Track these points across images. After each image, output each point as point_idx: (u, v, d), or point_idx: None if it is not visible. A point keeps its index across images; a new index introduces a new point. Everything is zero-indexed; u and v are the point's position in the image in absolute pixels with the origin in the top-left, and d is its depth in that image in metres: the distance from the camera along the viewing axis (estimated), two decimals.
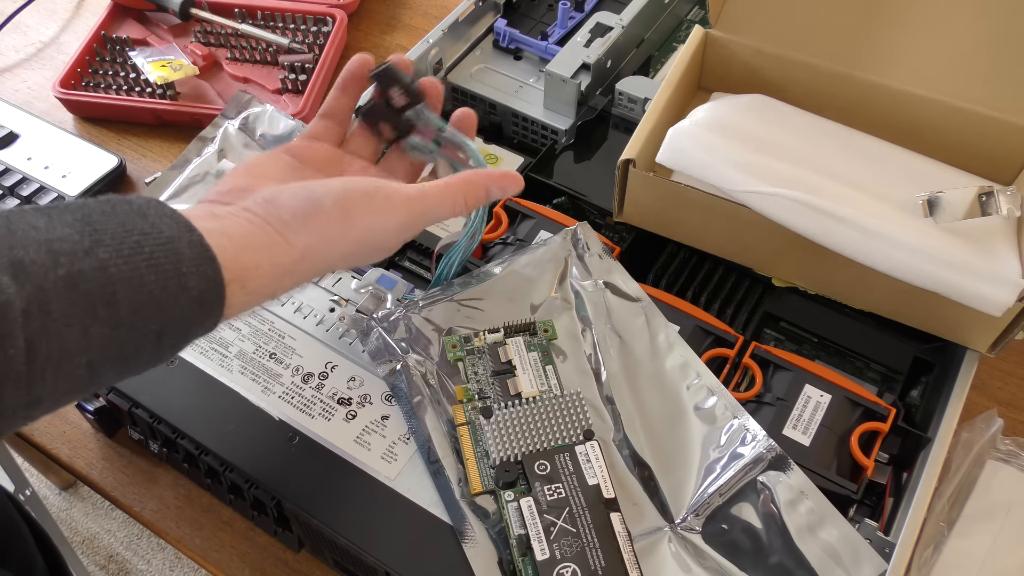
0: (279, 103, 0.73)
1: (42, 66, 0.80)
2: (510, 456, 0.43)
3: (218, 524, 0.51)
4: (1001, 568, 0.49)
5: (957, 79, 0.54)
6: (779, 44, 0.58)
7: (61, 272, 0.30)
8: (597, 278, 0.51)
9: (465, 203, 0.43)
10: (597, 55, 0.64)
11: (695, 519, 0.43)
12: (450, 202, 0.42)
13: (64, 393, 0.31)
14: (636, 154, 0.51)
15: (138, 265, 0.32)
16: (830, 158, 0.53)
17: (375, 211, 0.40)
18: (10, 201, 0.65)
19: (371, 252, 0.41)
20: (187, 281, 0.33)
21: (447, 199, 0.42)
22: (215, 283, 0.34)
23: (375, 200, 0.40)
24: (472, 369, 0.47)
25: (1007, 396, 0.58)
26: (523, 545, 0.40)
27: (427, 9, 0.86)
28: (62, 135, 0.71)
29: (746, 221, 0.50)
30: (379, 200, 0.40)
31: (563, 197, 0.61)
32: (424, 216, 0.42)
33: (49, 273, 0.30)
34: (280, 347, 0.49)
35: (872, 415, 0.48)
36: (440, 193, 0.42)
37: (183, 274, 0.33)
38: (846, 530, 0.43)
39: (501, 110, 0.67)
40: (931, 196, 0.49)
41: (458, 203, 0.43)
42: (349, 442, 0.45)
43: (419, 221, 0.42)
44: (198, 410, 0.47)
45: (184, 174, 0.67)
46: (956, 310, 0.47)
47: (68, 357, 0.30)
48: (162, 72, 0.74)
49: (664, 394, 0.47)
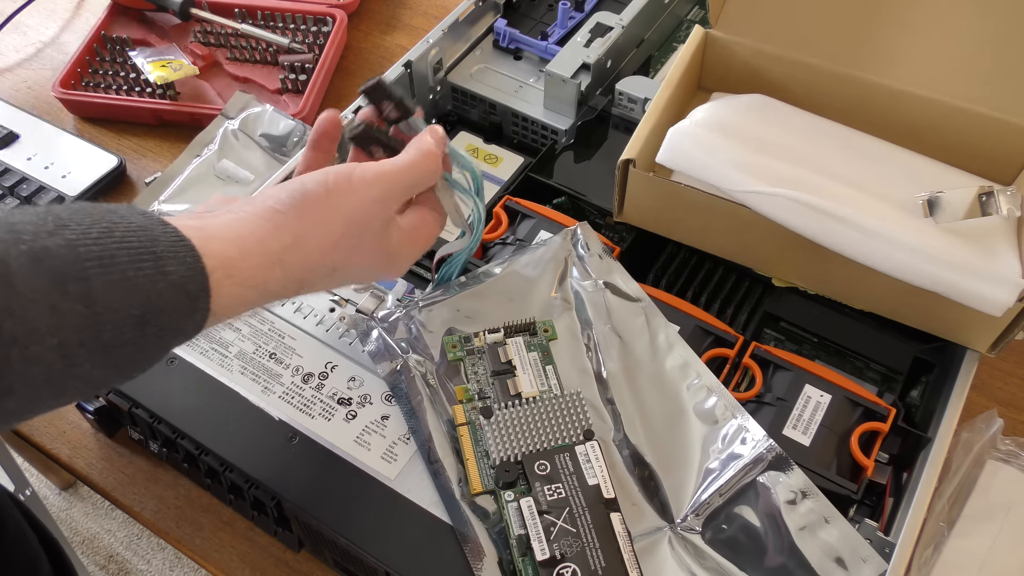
0: (279, 103, 0.73)
1: (42, 66, 0.80)
2: (510, 456, 0.43)
3: (218, 524, 0.51)
4: (1001, 568, 0.49)
5: (957, 79, 0.54)
6: (779, 44, 0.58)
7: (23, 247, 0.29)
8: (597, 278, 0.51)
9: (438, 164, 0.44)
10: (597, 55, 0.64)
11: (695, 519, 0.43)
12: (422, 164, 0.43)
13: (40, 385, 0.30)
14: (636, 154, 0.51)
15: (108, 246, 0.31)
16: (830, 158, 0.53)
17: (354, 187, 0.40)
18: (10, 201, 0.65)
19: (360, 236, 0.41)
20: (164, 264, 0.32)
21: (419, 162, 0.43)
22: (196, 270, 0.33)
23: (352, 177, 0.40)
24: (472, 369, 0.47)
25: (1007, 396, 0.58)
26: (523, 545, 0.40)
27: (427, 9, 0.86)
28: (62, 135, 0.71)
29: (746, 221, 0.50)
30: (356, 176, 0.40)
31: (563, 197, 0.61)
32: (402, 184, 0.42)
33: (11, 249, 0.29)
34: (280, 347, 0.49)
35: (872, 415, 0.48)
36: (412, 159, 0.43)
37: (159, 256, 0.32)
38: (846, 530, 0.43)
39: (501, 110, 0.67)
40: (931, 196, 0.49)
41: (430, 163, 0.43)
42: (349, 442, 0.45)
43: (397, 191, 0.42)
44: (198, 410, 0.47)
45: (184, 174, 0.67)
46: (956, 310, 0.47)
47: (36, 337, 0.29)
48: (162, 72, 0.74)
49: (664, 394, 0.47)
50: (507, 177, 0.63)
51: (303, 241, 0.38)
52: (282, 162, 0.66)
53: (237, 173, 0.67)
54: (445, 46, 0.68)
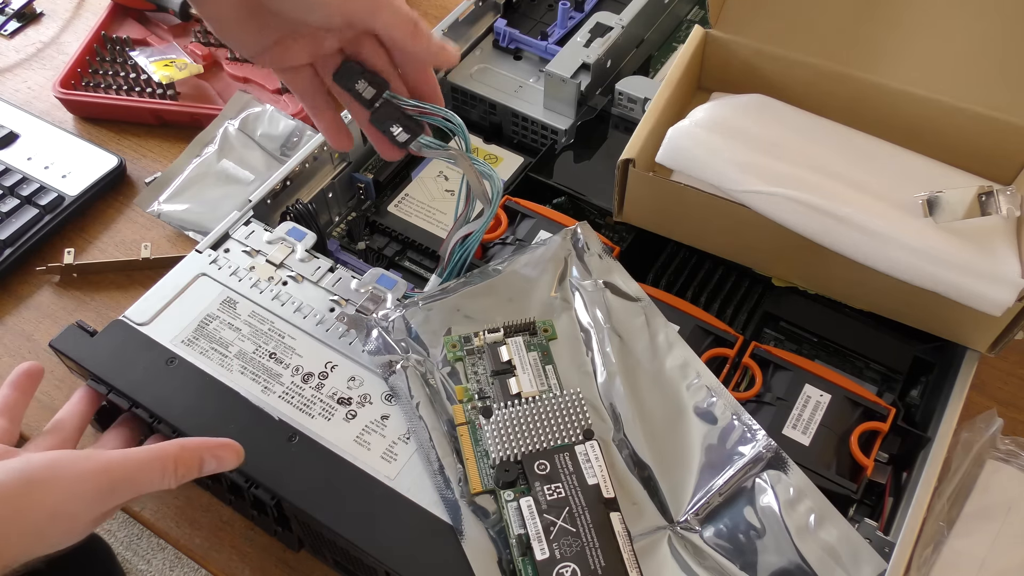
0: (279, 103, 0.73)
1: (42, 66, 0.80)
2: (510, 456, 0.43)
3: (218, 524, 0.51)
4: (1001, 568, 0.49)
5: (957, 79, 0.54)
6: (779, 44, 0.58)
7: None
8: (597, 278, 0.51)
9: (175, 471, 0.39)
10: (597, 55, 0.64)
11: (695, 519, 0.43)
12: (159, 467, 0.39)
13: None
14: (636, 154, 0.51)
15: None
16: (830, 158, 0.53)
17: (62, 479, 0.36)
18: (10, 201, 0.65)
19: (70, 528, 0.37)
20: None
21: (155, 464, 0.39)
22: None
23: (59, 466, 0.36)
24: (472, 369, 0.47)
25: (1007, 396, 0.58)
26: (523, 545, 0.40)
27: (427, 9, 0.86)
28: (62, 135, 0.71)
29: (746, 221, 0.50)
30: (65, 464, 0.37)
31: (563, 197, 0.61)
32: (128, 482, 0.38)
33: None
34: (280, 347, 0.49)
35: (872, 415, 0.48)
36: (147, 457, 0.39)
37: None
38: (846, 530, 0.43)
39: (501, 110, 0.67)
40: (931, 196, 0.49)
41: (167, 469, 0.39)
42: (349, 442, 0.45)
43: (123, 487, 0.38)
44: (198, 410, 0.47)
45: (184, 174, 0.67)
46: (956, 310, 0.47)
47: None
48: (167, 71, 0.74)
49: (664, 394, 0.47)
50: (507, 177, 0.63)
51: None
52: (282, 162, 0.67)
53: (237, 173, 0.67)
54: None
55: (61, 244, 0.65)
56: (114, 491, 0.38)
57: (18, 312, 0.62)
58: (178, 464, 0.40)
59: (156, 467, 0.39)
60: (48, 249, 0.65)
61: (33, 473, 0.36)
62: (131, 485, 0.38)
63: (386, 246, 0.60)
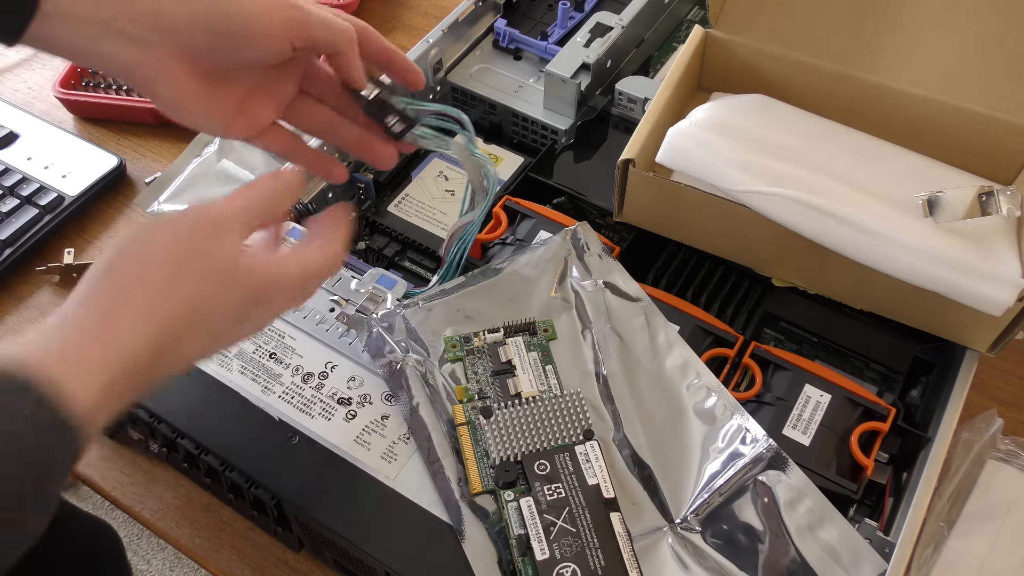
0: None
1: (42, 66, 0.80)
2: (510, 456, 0.43)
3: (218, 524, 0.51)
4: (1001, 568, 0.49)
5: (957, 79, 0.54)
6: (779, 44, 0.58)
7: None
8: (597, 278, 0.51)
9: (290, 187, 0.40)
10: (597, 55, 0.64)
11: (695, 519, 0.43)
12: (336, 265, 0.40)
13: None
14: (636, 154, 0.51)
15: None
16: (830, 158, 0.53)
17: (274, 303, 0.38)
18: (10, 201, 0.65)
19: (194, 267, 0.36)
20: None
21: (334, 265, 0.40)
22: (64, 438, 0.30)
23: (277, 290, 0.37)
24: (472, 369, 0.47)
25: (1007, 396, 0.58)
26: (523, 545, 0.40)
27: (427, 9, 0.86)
28: (62, 135, 0.71)
29: (746, 221, 0.50)
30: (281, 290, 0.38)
31: (563, 197, 0.61)
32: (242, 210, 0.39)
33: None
34: (280, 347, 0.49)
35: (872, 415, 0.48)
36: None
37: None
38: (846, 530, 0.43)
39: (501, 110, 0.67)
40: (931, 196, 0.49)
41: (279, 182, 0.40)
42: (349, 442, 0.45)
43: (239, 216, 0.38)
44: (198, 410, 0.47)
45: (184, 174, 0.67)
46: (956, 310, 0.47)
47: None
48: None
49: (664, 394, 0.47)
50: (507, 177, 0.63)
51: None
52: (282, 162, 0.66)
53: (237, 173, 0.67)
54: (445, 46, 0.68)
55: (61, 244, 0.65)
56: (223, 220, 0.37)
57: (18, 312, 0.62)
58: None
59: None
60: (48, 249, 0.65)
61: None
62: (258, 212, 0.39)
63: (386, 246, 0.60)
